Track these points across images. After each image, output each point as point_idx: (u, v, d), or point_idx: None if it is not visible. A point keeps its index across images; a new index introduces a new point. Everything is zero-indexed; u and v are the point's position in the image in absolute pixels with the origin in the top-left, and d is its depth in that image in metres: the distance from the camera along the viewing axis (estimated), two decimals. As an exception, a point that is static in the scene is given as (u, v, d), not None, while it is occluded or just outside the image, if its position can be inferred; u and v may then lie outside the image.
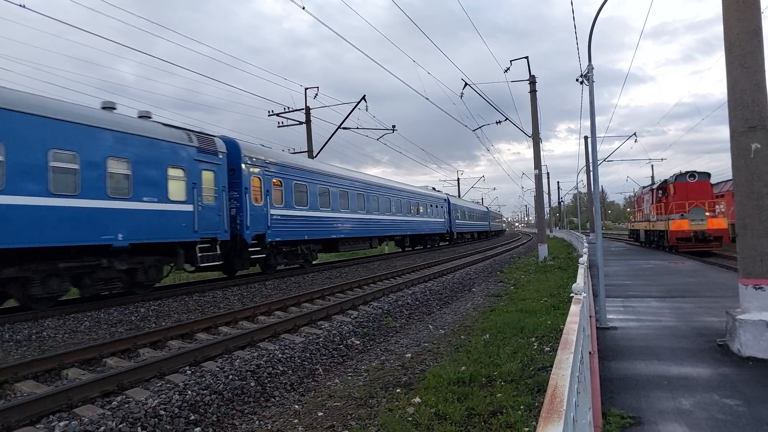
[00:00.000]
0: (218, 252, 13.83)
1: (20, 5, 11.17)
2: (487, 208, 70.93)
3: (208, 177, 13.77)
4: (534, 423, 4.24)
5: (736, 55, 6.32)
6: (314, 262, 20.33)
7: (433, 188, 41.14)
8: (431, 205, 35.85)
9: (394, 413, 4.96)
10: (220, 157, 14.32)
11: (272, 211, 16.31)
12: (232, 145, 15.10)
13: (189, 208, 12.99)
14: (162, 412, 5.06)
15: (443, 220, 38.76)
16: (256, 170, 15.79)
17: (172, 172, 12.63)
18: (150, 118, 13.04)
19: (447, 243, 41.70)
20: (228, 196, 14.51)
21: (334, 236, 20.97)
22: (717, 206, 24.36)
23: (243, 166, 15.17)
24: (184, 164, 12.97)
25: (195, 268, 14.22)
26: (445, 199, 40.20)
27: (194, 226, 13.06)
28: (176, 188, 12.69)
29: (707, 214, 21.92)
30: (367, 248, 26.03)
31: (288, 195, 17.49)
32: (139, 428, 4.76)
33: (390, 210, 27.85)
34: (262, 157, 16.29)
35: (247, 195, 15.12)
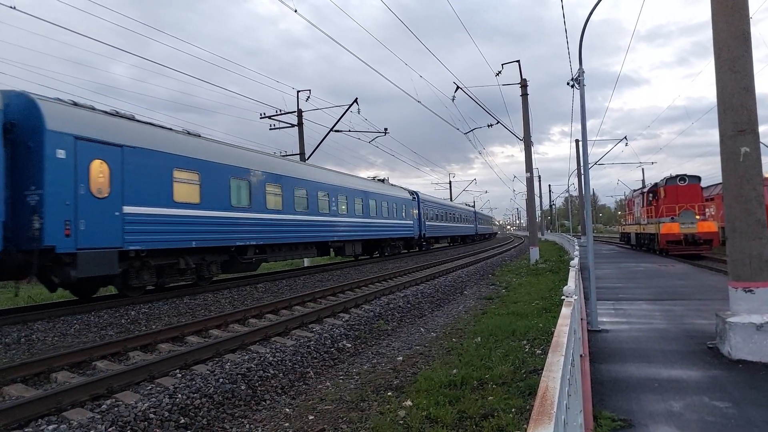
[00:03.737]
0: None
1: (11, 6, 11.07)
2: (473, 208, 64.92)
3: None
4: (525, 426, 4.23)
5: (725, 60, 6.38)
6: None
7: (382, 180, 30.11)
8: (392, 203, 28.38)
9: (386, 416, 4.95)
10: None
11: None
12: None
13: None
14: (152, 416, 5.01)
15: (411, 222, 31.38)
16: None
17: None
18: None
19: (416, 249, 34.66)
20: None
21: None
22: (707, 209, 24.59)
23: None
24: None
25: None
26: (412, 198, 32.39)
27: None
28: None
29: (697, 217, 22.11)
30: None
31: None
32: (128, 431, 4.71)
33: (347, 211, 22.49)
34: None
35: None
